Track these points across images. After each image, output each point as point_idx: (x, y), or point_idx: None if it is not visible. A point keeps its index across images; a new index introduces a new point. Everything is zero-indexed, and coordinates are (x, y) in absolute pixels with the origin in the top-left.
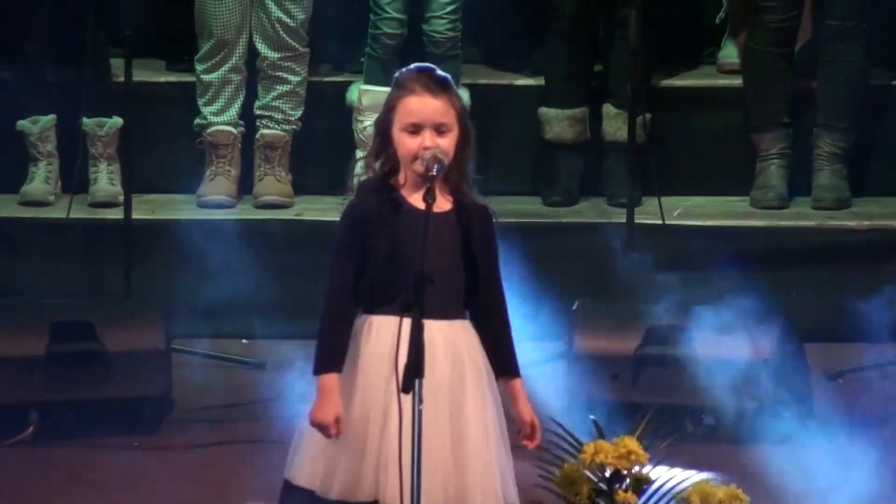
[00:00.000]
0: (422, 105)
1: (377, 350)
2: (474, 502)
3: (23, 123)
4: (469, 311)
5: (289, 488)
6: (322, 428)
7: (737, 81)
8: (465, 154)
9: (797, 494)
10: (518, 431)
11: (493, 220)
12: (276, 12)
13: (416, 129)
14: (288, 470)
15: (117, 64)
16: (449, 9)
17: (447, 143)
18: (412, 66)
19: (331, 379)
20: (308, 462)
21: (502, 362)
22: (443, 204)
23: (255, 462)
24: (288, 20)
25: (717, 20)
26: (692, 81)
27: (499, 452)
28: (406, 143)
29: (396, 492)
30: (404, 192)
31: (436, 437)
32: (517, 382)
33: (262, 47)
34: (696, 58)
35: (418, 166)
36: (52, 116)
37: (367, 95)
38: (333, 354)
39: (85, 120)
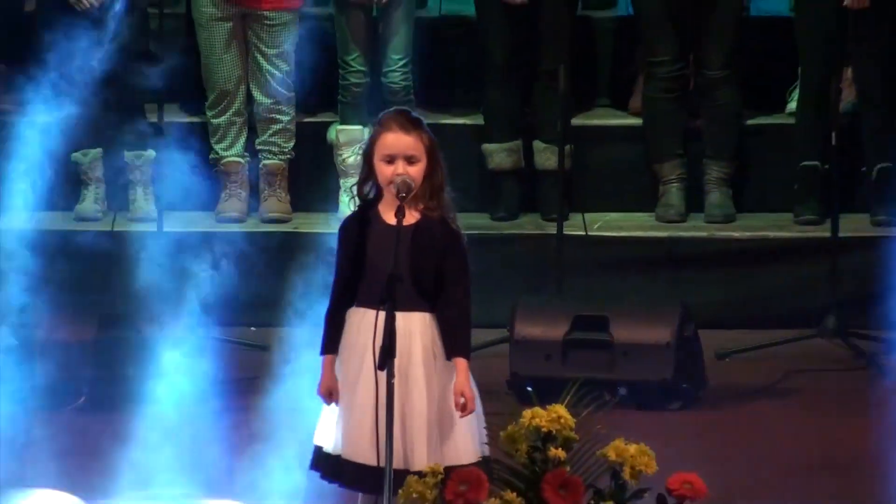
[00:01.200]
0: (396, 140)
1: (356, 335)
2: (419, 453)
3: (76, 155)
4: (435, 302)
5: (315, 449)
6: (323, 399)
7: (640, 121)
8: (433, 180)
9: (692, 451)
10: (456, 402)
11: (460, 236)
12: (265, 66)
13: (391, 159)
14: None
15: (150, 108)
16: (401, 63)
17: (416, 170)
18: (392, 108)
19: (327, 360)
20: (321, 427)
21: (449, 345)
22: (410, 219)
23: (257, 421)
24: (276, 72)
25: (630, 70)
26: (608, 121)
27: (442, 416)
28: (383, 171)
29: (363, 447)
30: (382, 209)
31: (414, 408)
32: (459, 361)
33: (257, 95)
34: (609, 100)
35: (391, 189)
36: (99, 150)
37: (342, 134)
38: (329, 342)
39: (126, 153)
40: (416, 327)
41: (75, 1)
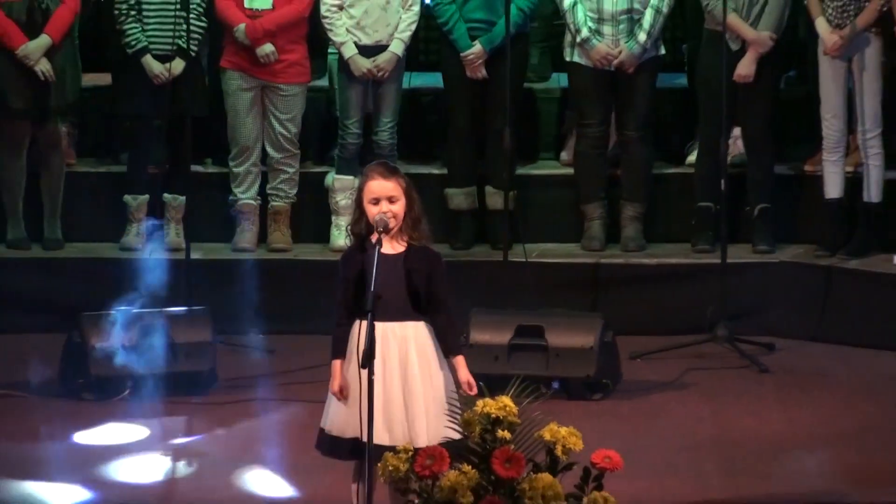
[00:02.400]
0: (379, 185)
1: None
2: (417, 436)
3: (127, 198)
4: (427, 314)
5: (320, 431)
6: (336, 395)
7: (571, 170)
8: (412, 214)
9: (611, 433)
10: (460, 389)
11: (440, 259)
12: (278, 128)
13: (376, 201)
14: (325, 422)
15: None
16: (388, 126)
17: (397, 208)
18: (375, 161)
19: (335, 364)
20: (328, 413)
21: (446, 346)
22: (397, 247)
23: (265, 409)
24: (286, 133)
25: (562, 130)
26: (542, 171)
27: (443, 404)
28: (370, 211)
29: (378, 432)
30: (373, 241)
31: (391, 395)
32: (458, 358)
33: (270, 150)
34: (548, 153)
35: (376, 226)
36: (147, 196)
37: (338, 181)
38: (338, 348)
39: (165, 195)
40: (410, 333)
41: (153, 76)
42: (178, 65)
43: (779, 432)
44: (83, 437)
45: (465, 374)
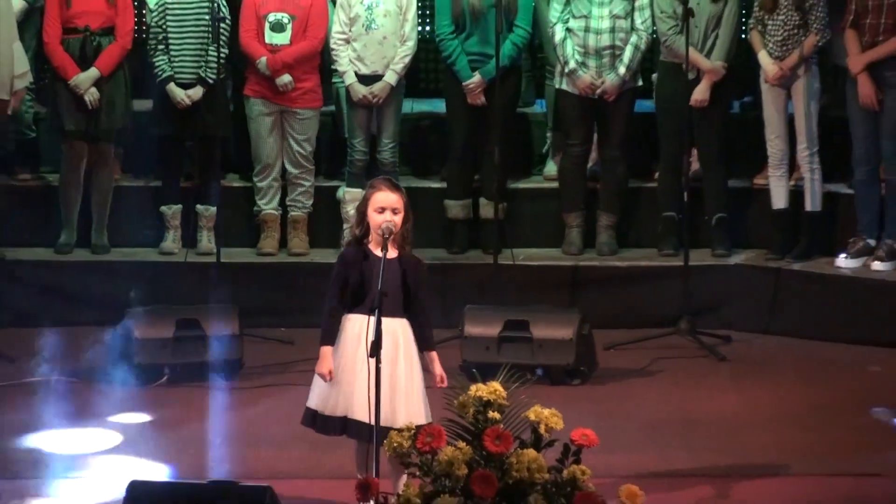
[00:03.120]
0: (385, 197)
1: (351, 334)
2: (399, 416)
3: (163, 208)
4: (407, 312)
5: (306, 409)
6: (321, 376)
7: (554, 184)
8: (407, 226)
9: (588, 414)
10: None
11: (424, 266)
12: (295, 147)
13: (381, 211)
14: (308, 400)
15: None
16: (391, 145)
17: (398, 219)
18: (380, 176)
19: (326, 349)
20: (315, 395)
21: (421, 341)
22: (391, 253)
23: (286, 392)
24: (302, 151)
25: (544, 150)
26: (529, 185)
27: (419, 390)
28: (375, 219)
29: (358, 409)
30: (371, 246)
31: (385, 381)
32: (433, 353)
33: (288, 166)
34: (534, 169)
35: (379, 231)
36: (180, 206)
37: (348, 193)
38: (328, 335)
39: (198, 206)
40: (398, 328)
41: (175, 102)
42: (197, 92)
43: (735, 413)
44: (125, 417)
45: (438, 369)
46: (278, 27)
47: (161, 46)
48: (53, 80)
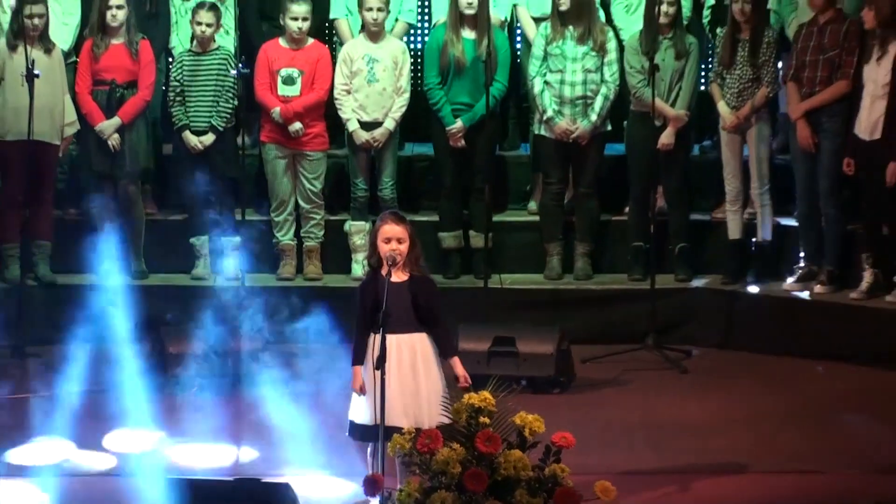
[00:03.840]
0: (391, 229)
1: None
2: (424, 418)
3: (193, 240)
4: (426, 326)
5: (351, 423)
6: (358, 393)
7: (536, 218)
8: (414, 252)
9: (566, 419)
10: (456, 381)
11: (435, 284)
12: (307, 185)
13: (388, 241)
14: (349, 414)
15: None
16: (390, 183)
17: (404, 247)
18: (388, 210)
19: (357, 368)
20: (355, 409)
21: (443, 350)
22: (402, 277)
23: (302, 399)
24: (313, 189)
25: (528, 188)
26: (514, 218)
27: (439, 394)
28: (383, 248)
29: (393, 417)
30: (384, 272)
31: (405, 389)
32: (454, 359)
33: (301, 202)
34: (516, 205)
35: (387, 260)
36: (207, 236)
37: (353, 226)
38: (357, 356)
39: (223, 238)
40: (416, 343)
41: (189, 147)
42: (208, 138)
43: (695, 418)
44: (163, 421)
45: (461, 371)
46: (289, 81)
47: (178, 98)
48: (86, 126)
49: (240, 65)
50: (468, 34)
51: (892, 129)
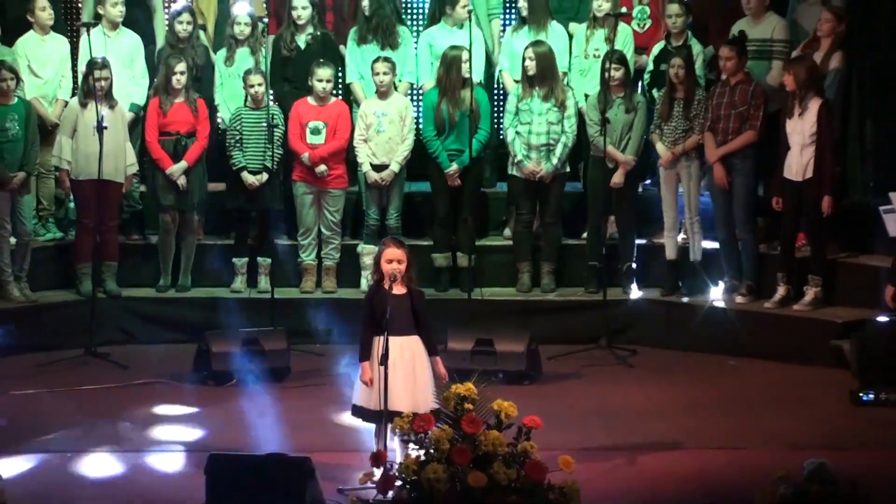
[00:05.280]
0: (392, 252)
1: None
2: (420, 403)
3: (234, 260)
4: (418, 329)
5: (353, 405)
6: (365, 383)
7: (510, 242)
8: (410, 272)
9: (535, 405)
10: (437, 377)
11: (423, 296)
12: (328, 216)
13: (390, 261)
14: (354, 398)
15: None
16: (394, 216)
17: (403, 266)
18: (390, 236)
19: (365, 364)
20: (359, 394)
21: (429, 349)
22: (402, 290)
23: (321, 390)
24: (333, 219)
25: (503, 218)
26: (491, 243)
27: (430, 385)
28: (386, 267)
29: (396, 402)
30: (386, 286)
31: (405, 382)
32: (437, 358)
33: (323, 230)
34: (495, 232)
35: (389, 277)
36: (246, 259)
37: (365, 249)
38: (364, 353)
39: (258, 258)
40: (414, 343)
41: (247, 185)
42: (262, 177)
43: (640, 405)
44: (206, 408)
45: (442, 369)
46: (316, 131)
47: (237, 144)
48: (152, 168)
49: (271, 116)
50: (459, 95)
51: (822, 169)
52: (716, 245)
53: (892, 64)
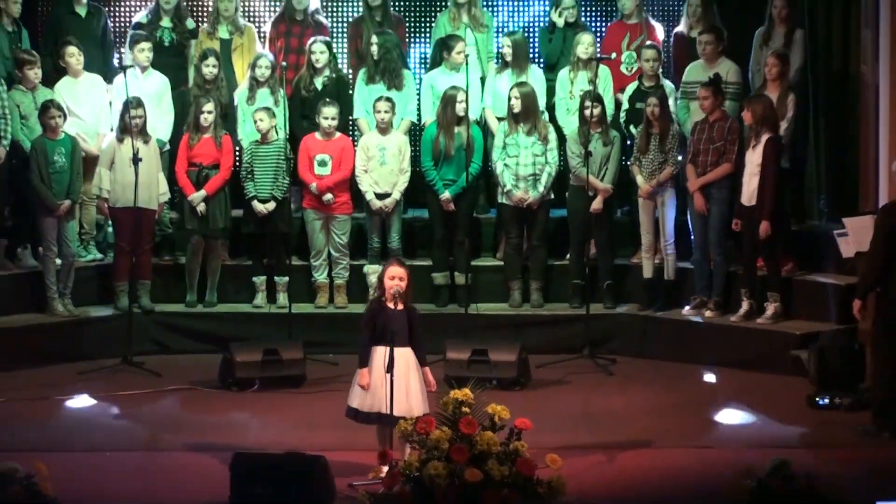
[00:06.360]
0: (395, 270)
1: (377, 359)
2: (414, 409)
3: (255, 279)
4: (411, 343)
5: (348, 407)
6: (362, 387)
7: (501, 263)
8: (408, 291)
9: (525, 408)
10: (427, 385)
11: (418, 313)
12: (336, 239)
13: (392, 279)
14: (349, 401)
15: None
16: (395, 239)
17: (404, 284)
18: (393, 257)
19: (364, 370)
20: (354, 397)
21: (420, 360)
22: (400, 306)
23: (334, 396)
24: (341, 242)
25: (496, 240)
26: (485, 263)
27: (422, 393)
28: (388, 284)
29: (395, 407)
30: (387, 303)
31: (398, 389)
32: (426, 368)
33: (332, 251)
34: (488, 254)
35: (390, 293)
36: (265, 277)
37: (369, 269)
38: (363, 360)
39: (276, 277)
40: (408, 354)
41: (257, 213)
42: (271, 205)
43: (620, 407)
44: (231, 412)
45: (430, 378)
46: (322, 163)
47: (249, 175)
48: (180, 196)
49: (290, 153)
50: (455, 130)
51: (763, 197)
52: (687, 265)
53: (839, 107)
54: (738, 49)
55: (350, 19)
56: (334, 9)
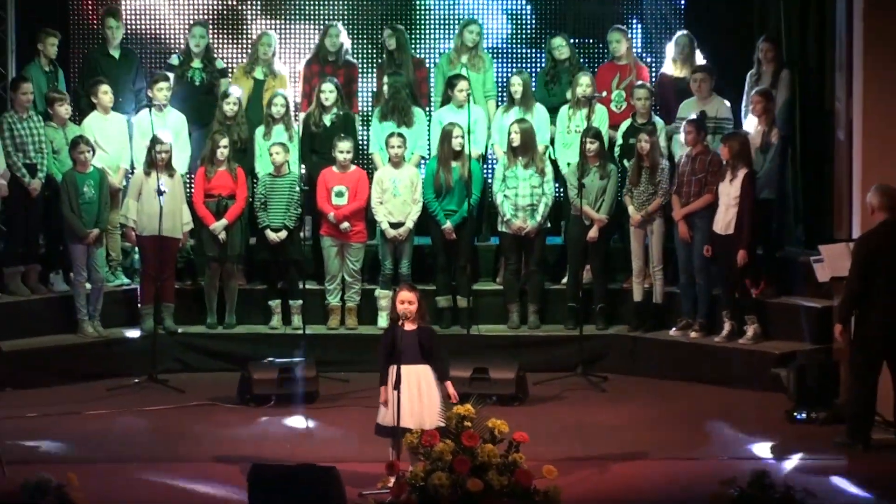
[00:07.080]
0: (406, 294)
1: (391, 377)
2: (426, 422)
3: (270, 303)
4: (429, 360)
5: (377, 425)
6: (381, 404)
7: (501, 287)
8: (421, 311)
9: (523, 422)
10: (448, 399)
11: (434, 332)
12: (350, 265)
13: (402, 302)
14: (378, 418)
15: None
16: (406, 265)
17: (413, 307)
18: (404, 282)
19: (383, 388)
20: (380, 414)
21: (440, 375)
22: (412, 327)
23: (345, 411)
24: (354, 268)
25: (496, 266)
26: (487, 287)
27: (437, 406)
28: (399, 307)
29: (406, 421)
30: (401, 324)
31: (410, 403)
32: (448, 382)
33: (345, 276)
34: (488, 279)
35: (401, 315)
36: (279, 300)
37: (381, 294)
38: (383, 379)
39: (290, 301)
40: (421, 371)
41: (269, 241)
42: (282, 234)
43: (610, 421)
44: (248, 426)
45: (452, 391)
46: (339, 194)
47: (262, 206)
48: (198, 225)
49: (303, 184)
50: (454, 164)
51: (741, 228)
52: (675, 290)
53: (816, 142)
54: (731, 87)
55: (379, 60)
56: (361, 50)
